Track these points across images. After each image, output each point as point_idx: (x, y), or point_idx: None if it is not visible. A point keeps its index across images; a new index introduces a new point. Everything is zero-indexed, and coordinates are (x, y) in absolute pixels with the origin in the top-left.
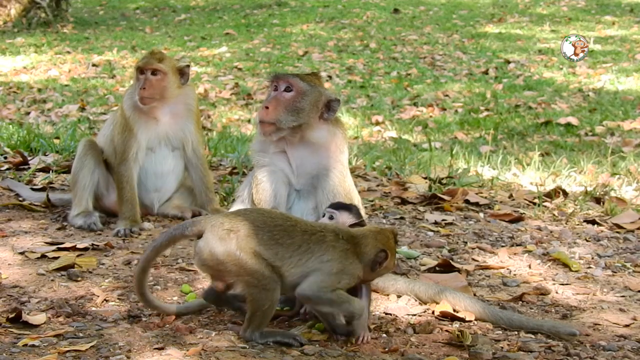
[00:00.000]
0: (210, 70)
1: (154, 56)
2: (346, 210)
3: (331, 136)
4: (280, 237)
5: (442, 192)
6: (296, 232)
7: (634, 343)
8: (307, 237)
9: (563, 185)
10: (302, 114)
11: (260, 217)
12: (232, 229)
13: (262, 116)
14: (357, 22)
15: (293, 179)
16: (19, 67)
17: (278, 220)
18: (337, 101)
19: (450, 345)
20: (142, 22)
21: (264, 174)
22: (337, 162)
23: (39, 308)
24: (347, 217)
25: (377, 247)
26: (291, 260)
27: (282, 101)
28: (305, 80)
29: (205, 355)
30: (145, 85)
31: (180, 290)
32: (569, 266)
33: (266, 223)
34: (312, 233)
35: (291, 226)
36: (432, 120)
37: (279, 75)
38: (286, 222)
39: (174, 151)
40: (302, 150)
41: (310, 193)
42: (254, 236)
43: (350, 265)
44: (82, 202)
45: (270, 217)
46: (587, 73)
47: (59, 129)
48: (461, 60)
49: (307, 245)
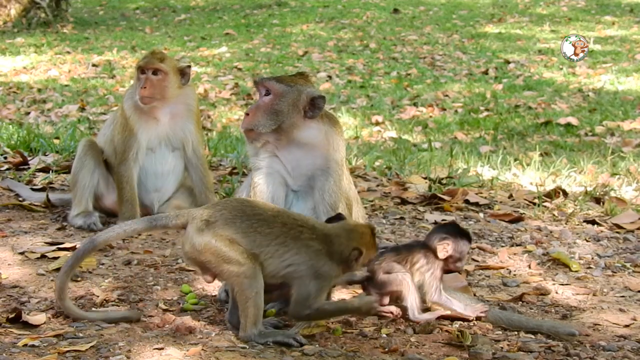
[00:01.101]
0: (210, 70)
1: (155, 56)
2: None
3: (323, 135)
4: (259, 225)
5: (442, 192)
6: (276, 223)
7: (633, 343)
8: (285, 230)
9: (563, 185)
10: (280, 116)
11: (239, 206)
12: (210, 219)
13: (242, 124)
14: (357, 22)
15: (289, 180)
16: (19, 67)
17: (259, 209)
18: (320, 98)
19: (450, 346)
20: (142, 22)
21: (261, 177)
22: (331, 161)
23: (38, 308)
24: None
25: (350, 245)
26: (269, 249)
27: (261, 106)
28: (284, 82)
29: (205, 356)
30: (146, 84)
31: (180, 290)
32: (568, 266)
33: (245, 212)
34: (290, 227)
35: (272, 216)
36: (432, 120)
37: (257, 81)
38: (267, 212)
39: (174, 151)
40: (295, 151)
41: (307, 194)
42: (232, 225)
43: (323, 267)
44: (82, 202)
45: (251, 206)
46: (587, 73)
47: (58, 129)
48: (461, 61)
49: (284, 238)
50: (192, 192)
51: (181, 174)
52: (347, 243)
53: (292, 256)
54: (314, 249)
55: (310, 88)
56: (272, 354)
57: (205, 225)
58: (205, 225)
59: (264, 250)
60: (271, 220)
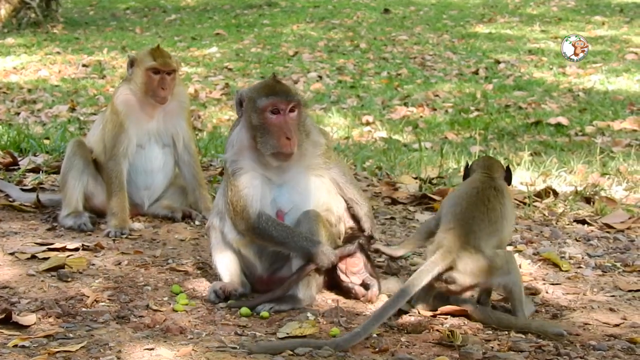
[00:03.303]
0: (200, 70)
1: (167, 56)
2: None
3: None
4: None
5: (432, 192)
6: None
7: (623, 343)
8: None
9: (553, 185)
10: (305, 127)
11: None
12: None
13: (292, 148)
14: (348, 23)
15: (275, 177)
16: (8, 68)
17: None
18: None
19: (441, 345)
20: (133, 23)
21: (245, 181)
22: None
23: (29, 309)
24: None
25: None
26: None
27: (294, 125)
28: (299, 94)
29: (195, 356)
30: (165, 85)
31: (171, 290)
32: (559, 266)
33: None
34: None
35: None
36: (423, 120)
37: (293, 100)
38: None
39: (164, 148)
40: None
41: (292, 187)
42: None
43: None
44: (72, 202)
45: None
46: (577, 73)
47: (49, 130)
48: (451, 61)
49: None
50: (182, 192)
51: (171, 171)
52: None
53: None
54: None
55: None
56: (263, 354)
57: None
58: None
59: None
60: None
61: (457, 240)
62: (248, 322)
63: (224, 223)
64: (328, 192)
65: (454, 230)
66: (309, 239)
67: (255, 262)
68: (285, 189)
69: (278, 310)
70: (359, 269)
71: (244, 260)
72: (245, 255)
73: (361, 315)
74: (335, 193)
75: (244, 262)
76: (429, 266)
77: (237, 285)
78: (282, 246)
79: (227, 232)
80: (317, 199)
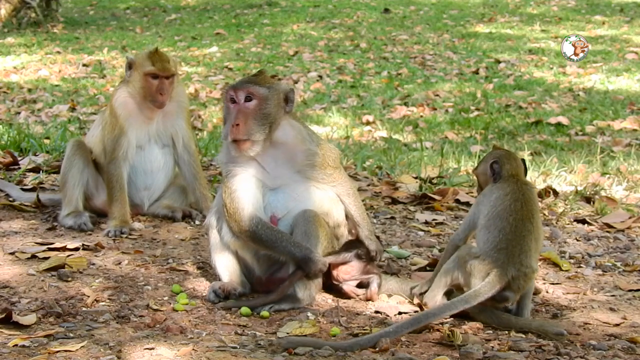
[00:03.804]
0: (200, 70)
1: (166, 60)
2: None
3: (295, 131)
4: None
5: (432, 192)
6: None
7: (624, 342)
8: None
9: (553, 184)
10: (269, 119)
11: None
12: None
13: (235, 135)
14: (348, 22)
15: (268, 180)
16: (9, 67)
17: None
18: (292, 91)
19: (441, 345)
20: (133, 22)
21: (238, 183)
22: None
23: (29, 308)
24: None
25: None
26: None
27: (249, 113)
28: (262, 84)
29: (195, 355)
30: (164, 90)
31: (171, 290)
32: (559, 265)
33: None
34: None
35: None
36: (423, 120)
37: (238, 87)
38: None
39: (163, 148)
40: (273, 151)
41: (285, 191)
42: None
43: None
44: (72, 202)
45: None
46: (577, 73)
47: (49, 129)
48: (452, 60)
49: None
50: (182, 192)
51: (171, 171)
52: None
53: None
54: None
55: (280, 84)
56: (263, 354)
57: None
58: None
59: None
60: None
61: (510, 261)
62: (248, 322)
63: (221, 223)
64: (328, 199)
65: (506, 250)
66: (298, 245)
67: (252, 264)
68: (281, 195)
69: (278, 310)
70: (350, 276)
71: (242, 261)
72: (243, 257)
73: (361, 315)
74: (336, 201)
75: (243, 263)
76: (486, 288)
77: (237, 285)
78: (272, 250)
79: (224, 234)
80: (314, 206)
